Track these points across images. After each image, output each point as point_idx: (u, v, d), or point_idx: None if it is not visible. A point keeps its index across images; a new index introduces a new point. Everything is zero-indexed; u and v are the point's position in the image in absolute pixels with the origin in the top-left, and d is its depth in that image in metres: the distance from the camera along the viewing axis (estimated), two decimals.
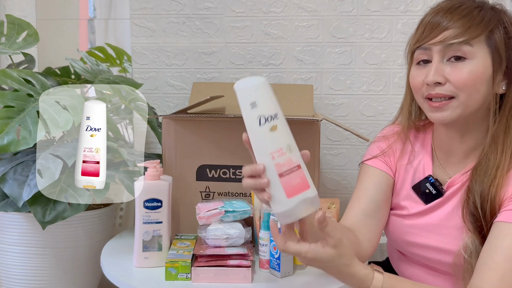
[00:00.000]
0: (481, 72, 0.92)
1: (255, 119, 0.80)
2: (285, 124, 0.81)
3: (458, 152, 1.01)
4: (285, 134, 0.80)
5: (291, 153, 0.79)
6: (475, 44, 0.91)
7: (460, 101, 0.93)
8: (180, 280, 1.08)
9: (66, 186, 1.38)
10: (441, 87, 0.93)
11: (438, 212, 1.02)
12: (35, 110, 1.32)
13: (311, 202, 0.80)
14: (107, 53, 1.82)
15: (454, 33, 0.91)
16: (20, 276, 1.43)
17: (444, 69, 0.93)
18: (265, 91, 0.81)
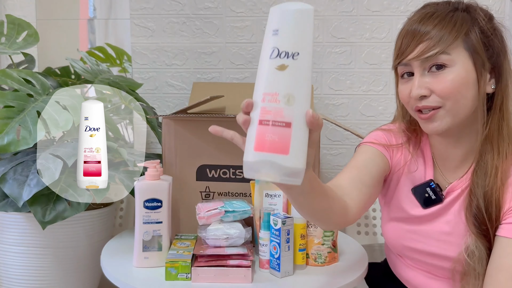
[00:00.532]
0: (464, 78, 0.90)
1: (269, 48, 0.68)
2: (303, 70, 0.67)
3: (454, 157, 1.00)
4: (293, 81, 0.67)
5: (287, 105, 0.66)
6: (452, 51, 0.90)
7: (447, 109, 0.91)
8: (180, 280, 1.08)
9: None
10: (427, 99, 0.92)
11: (439, 219, 1.00)
12: (35, 110, 1.31)
13: (282, 170, 0.66)
14: (107, 53, 1.82)
15: (429, 44, 0.90)
16: (20, 276, 1.43)
17: (426, 81, 0.92)
18: (299, 22, 0.68)
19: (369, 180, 1.00)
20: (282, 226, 1.09)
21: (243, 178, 1.30)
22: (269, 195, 1.21)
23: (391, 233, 1.08)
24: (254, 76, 1.74)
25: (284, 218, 1.10)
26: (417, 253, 1.03)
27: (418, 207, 1.03)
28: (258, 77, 0.69)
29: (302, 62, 0.67)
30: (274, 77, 0.67)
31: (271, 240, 1.12)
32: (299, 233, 1.14)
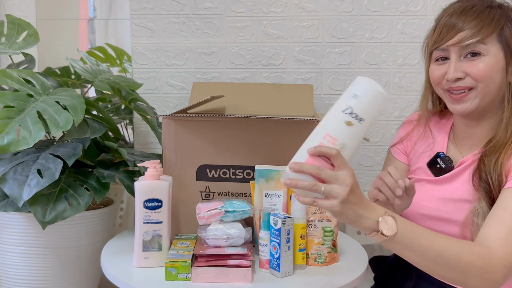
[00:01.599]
0: (495, 65, 1.03)
1: (345, 105, 0.87)
2: (360, 133, 0.87)
3: (473, 137, 1.12)
4: (352, 137, 0.86)
5: (340, 151, 0.85)
6: (488, 42, 1.03)
7: (478, 91, 1.04)
8: (180, 280, 1.08)
9: (66, 186, 1.38)
10: (462, 81, 1.05)
11: (449, 186, 1.11)
12: (35, 110, 1.32)
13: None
14: (107, 53, 1.83)
15: (469, 34, 1.02)
16: (20, 276, 1.43)
17: (462, 65, 1.04)
18: (375, 99, 0.87)
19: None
20: (282, 226, 1.09)
21: (243, 178, 1.30)
22: (269, 195, 1.21)
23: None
24: (254, 76, 1.74)
25: (284, 218, 1.10)
26: (430, 219, 1.11)
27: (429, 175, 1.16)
28: (327, 119, 0.90)
29: (363, 126, 0.87)
30: (340, 127, 0.86)
31: (271, 240, 1.12)
32: (299, 233, 1.14)
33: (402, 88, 1.66)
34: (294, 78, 1.66)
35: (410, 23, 1.62)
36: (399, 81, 1.65)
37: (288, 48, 1.65)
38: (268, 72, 1.67)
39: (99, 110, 1.52)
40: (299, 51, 1.65)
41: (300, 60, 1.66)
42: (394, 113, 1.66)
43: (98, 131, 1.42)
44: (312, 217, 1.19)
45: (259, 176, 1.21)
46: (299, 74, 1.66)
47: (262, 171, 1.21)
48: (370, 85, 0.87)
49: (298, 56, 1.65)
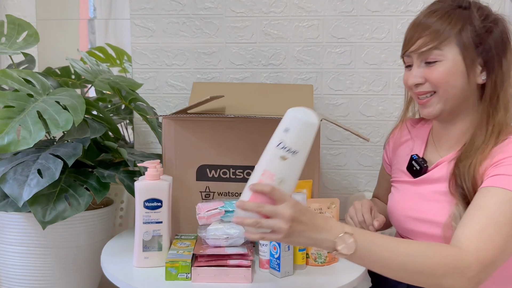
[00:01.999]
0: (453, 70, 1.04)
1: (278, 140, 0.89)
2: (297, 165, 0.89)
3: (449, 138, 1.14)
4: (288, 170, 0.89)
5: (278, 186, 0.87)
6: (444, 47, 1.04)
7: (439, 96, 1.06)
8: (180, 280, 1.08)
9: (66, 186, 1.38)
10: (422, 86, 1.08)
11: (430, 185, 1.12)
12: (35, 110, 1.32)
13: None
14: (107, 53, 1.83)
15: (427, 40, 1.05)
16: (20, 276, 1.43)
17: (422, 71, 1.07)
18: (305, 131, 0.89)
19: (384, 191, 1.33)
20: None
21: (243, 178, 1.30)
22: None
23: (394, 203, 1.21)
24: (254, 76, 1.74)
25: None
26: (413, 221, 1.13)
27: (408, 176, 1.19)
28: (264, 155, 0.91)
29: (299, 158, 0.89)
30: (276, 162, 0.88)
31: None
32: None
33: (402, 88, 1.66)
34: (294, 78, 1.66)
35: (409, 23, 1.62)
36: (399, 81, 1.65)
37: (288, 48, 1.65)
38: (268, 72, 1.67)
39: (99, 110, 1.52)
40: (299, 51, 1.65)
41: (300, 60, 1.66)
42: (394, 113, 1.66)
43: (98, 131, 1.42)
44: None
45: None
46: (299, 74, 1.66)
47: None
48: (300, 117, 0.89)
49: (298, 56, 1.65)
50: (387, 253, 0.90)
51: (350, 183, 1.69)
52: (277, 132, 0.91)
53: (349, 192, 1.69)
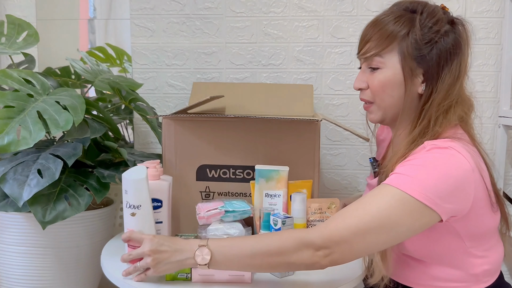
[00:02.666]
0: (391, 79, 1.02)
1: (125, 202, 1.09)
2: (146, 215, 1.07)
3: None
4: (140, 222, 1.07)
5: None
6: (385, 55, 1.02)
7: (377, 104, 1.07)
8: (180, 280, 1.08)
9: (66, 186, 1.38)
10: (364, 92, 1.09)
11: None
12: (35, 110, 1.32)
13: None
14: (107, 53, 1.83)
15: (370, 46, 1.04)
16: (20, 276, 1.43)
17: (366, 76, 1.07)
18: (139, 187, 1.06)
19: None
20: (282, 226, 1.09)
21: (243, 178, 1.30)
22: (269, 195, 1.21)
23: None
24: (254, 76, 1.74)
25: (284, 218, 1.10)
26: None
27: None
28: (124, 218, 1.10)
29: (144, 210, 1.07)
30: (129, 219, 1.08)
31: None
32: None
33: None
34: (294, 78, 1.66)
35: None
36: None
37: (288, 48, 1.65)
38: (268, 72, 1.67)
39: (99, 110, 1.52)
40: (299, 51, 1.65)
41: (300, 60, 1.66)
42: None
43: (98, 131, 1.42)
44: (312, 217, 1.19)
45: (259, 176, 1.21)
46: (299, 74, 1.66)
47: (262, 171, 1.21)
48: (129, 178, 1.07)
49: (298, 56, 1.65)
50: (237, 249, 0.96)
51: (350, 183, 1.69)
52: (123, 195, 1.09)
53: (349, 192, 1.69)
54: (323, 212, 1.19)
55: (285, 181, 1.22)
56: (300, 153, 1.29)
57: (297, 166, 1.28)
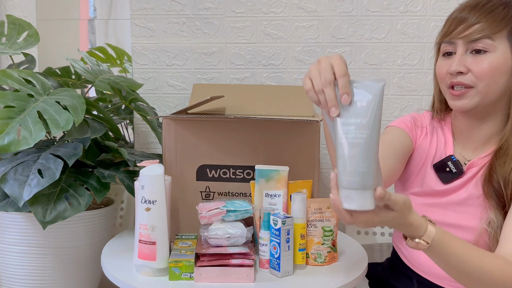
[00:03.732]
0: (501, 64, 0.99)
1: (140, 196, 1.12)
2: (161, 211, 1.11)
3: (477, 139, 1.08)
4: (155, 217, 1.10)
5: (152, 231, 1.11)
6: (497, 39, 0.99)
7: (478, 90, 1.00)
8: (184, 280, 1.08)
9: (66, 186, 1.38)
10: (463, 76, 1.01)
11: (458, 192, 1.07)
12: (35, 110, 1.32)
13: (152, 271, 1.11)
14: (107, 53, 1.83)
15: (478, 28, 0.98)
16: (21, 276, 1.43)
17: (466, 60, 1.00)
18: (155, 181, 1.10)
19: (393, 153, 1.10)
20: (282, 226, 1.09)
21: (243, 178, 1.31)
22: (269, 195, 1.22)
23: None
24: (254, 76, 1.74)
25: (284, 218, 1.10)
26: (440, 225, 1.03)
27: (437, 184, 1.10)
28: (136, 212, 1.13)
29: (159, 206, 1.11)
30: (143, 214, 1.11)
31: (271, 240, 1.12)
32: (299, 233, 1.15)
33: (402, 88, 1.67)
34: (294, 78, 1.66)
35: (410, 23, 1.62)
36: (399, 81, 1.65)
37: (288, 48, 1.66)
38: (268, 72, 1.67)
39: (99, 110, 1.52)
40: (299, 51, 1.65)
41: (300, 60, 1.66)
42: (394, 113, 1.66)
43: (99, 131, 1.42)
44: (312, 217, 1.19)
45: (259, 176, 1.22)
46: (299, 74, 1.66)
47: (262, 171, 1.22)
48: (147, 174, 1.10)
49: (298, 56, 1.66)
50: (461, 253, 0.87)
51: None
52: (136, 191, 1.13)
53: None
54: (323, 212, 1.19)
55: (285, 181, 1.22)
56: (300, 153, 1.29)
57: (297, 166, 1.28)
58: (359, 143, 0.73)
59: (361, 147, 0.73)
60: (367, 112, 0.74)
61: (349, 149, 0.74)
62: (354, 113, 0.74)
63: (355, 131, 0.74)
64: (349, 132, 0.74)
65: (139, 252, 1.12)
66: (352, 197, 0.75)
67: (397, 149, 1.11)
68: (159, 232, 1.11)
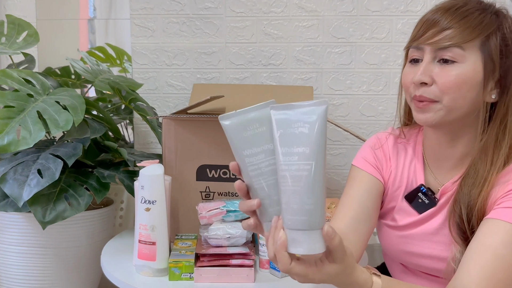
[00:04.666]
0: (470, 78, 0.88)
1: (140, 197, 1.13)
2: (160, 211, 1.12)
3: (449, 158, 0.98)
4: (154, 217, 1.12)
5: (152, 231, 1.12)
6: (467, 49, 0.88)
7: (443, 104, 0.90)
8: (184, 280, 1.08)
9: (66, 186, 1.38)
10: (426, 89, 0.90)
11: (432, 221, 0.99)
12: (35, 110, 1.31)
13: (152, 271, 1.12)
14: (107, 53, 1.83)
15: (448, 34, 0.88)
16: (20, 276, 1.43)
17: (432, 69, 0.90)
18: (155, 183, 1.12)
19: (365, 216, 1.00)
20: None
21: None
22: None
23: (386, 239, 1.07)
24: (254, 76, 1.74)
25: None
26: (414, 256, 1.01)
27: (411, 215, 1.01)
28: (136, 212, 1.15)
29: (159, 206, 1.12)
30: (143, 214, 1.13)
31: None
32: None
33: None
34: (294, 78, 1.66)
35: (410, 23, 1.62)
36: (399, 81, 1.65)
37: (288, 48, 1.65)
38: (268, 72, 1.67)
39: (99, 110, 1.52)
40: (299, 51, 1.65)
41: (300, 60, 1.66)
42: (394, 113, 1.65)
43: (98, 131, 1.42)
44: None
45: None
46: (299, 74, 1.66)
47: None
48: (147, 174, 1.11)
49: (298, 56, 1.65)
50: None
51: None
52: (136, 191, 1.15)
53: None
54: None
55: None
56: None
57: None
58: (303, 175, 0.64)
59: (306, 180, 0.64)
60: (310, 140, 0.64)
61: (292, 183, 0.64)
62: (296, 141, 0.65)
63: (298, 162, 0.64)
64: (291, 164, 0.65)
65: (139, 252, 1.12)
66: (299, 240, 0.65)
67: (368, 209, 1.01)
68: (159, 232, 1.11)
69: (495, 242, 0.84)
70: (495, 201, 0.88)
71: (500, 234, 0.84)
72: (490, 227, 0.86)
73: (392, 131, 1.10)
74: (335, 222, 1.01)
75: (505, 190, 0.88)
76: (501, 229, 0.84)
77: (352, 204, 1.01)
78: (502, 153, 0.90)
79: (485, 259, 0.83)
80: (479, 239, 0.86)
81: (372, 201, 1.03)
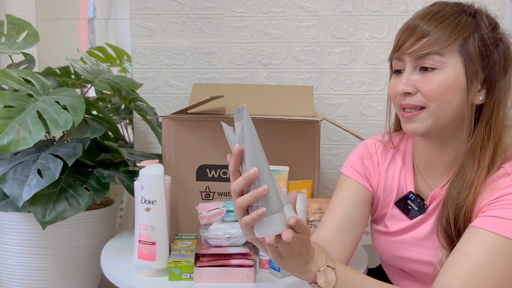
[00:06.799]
0: (452, 83, 0.88)
1: (140, 197, 1.12)
2: (160, 211, 1.11)
3: (439, 164, 0.98)
4: (154, 217, 1.11)
5: (152, 231, 1.11)
6: (446, 54, 0.88)
7: (430, 112, 0.90)
8: (184, 280, 1.08)
9: (66, 186, 1.38)
10: (412, 97, 0.91)
11: (422, 227, 0.99)
12: (35, 110, 1.31)
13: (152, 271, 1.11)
14: (107, 53, 1.83)
15: (426, 42, 0.89)
16: (20, 276, 1.43)
17: (415, 79, 0.91)
18: (155, 183, 1.11)
19: (350, 224, 1.01)
20: None
21: None
22: None
23: (379, 245, 1.08)
24: (254, 76, 1.74)
25: None
26: (405, 261, 1.02)
27: (403, 220, 1.02)
28: (136, 212, 1.14)
29: (159, 206, 1.11)
30: (143, 214, 1.12)
31: None
32: None
33: None
34: (294, 78, 1.66)
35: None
36: None
37: (288, 48, 1.65)
38: (268, 72, 1.67)
39: (99, 110, 1.52)
40: (299, 51, 1.65)
41: (300, 60, 1.66)
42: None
43: (98, 131, 1.42)
44: (312, 217, 1.19)
45: None
46: (299, 74, 1.66)
47: None
48: (147, 174, 1.11)
49: (298, 56, 1.65)
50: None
51: None
52: (136, 191, 1.14)
53: None
54: (323, 212, 1.19)
55: (285, 181, 1.22)
56: (300, 153, 1.29)
57: (297, 166, 1.28)
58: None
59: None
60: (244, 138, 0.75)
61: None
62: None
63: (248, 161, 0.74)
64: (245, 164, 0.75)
65: (139, 252, 1.12)
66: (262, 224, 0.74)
67: (354, 216, 1.02)
68: (159, 232, 1.11)
69: (474, 251, 0.84)
70: (481, 208, 0.88)
71: (480, 243, 0.84)
72: (472, 236, 0.86)
73: (381, 137, 1.11)
74: (320, 229, 1.02)
75: (490, 198, 0.88)
76: (482, 238, 0.85)
77: (337, 212, 1.02)
78: (488, 154, 0.90)
79: (462, 268, 0.84)
80: (461, 247, 0.87)
81: (359, 209, 1.03)
